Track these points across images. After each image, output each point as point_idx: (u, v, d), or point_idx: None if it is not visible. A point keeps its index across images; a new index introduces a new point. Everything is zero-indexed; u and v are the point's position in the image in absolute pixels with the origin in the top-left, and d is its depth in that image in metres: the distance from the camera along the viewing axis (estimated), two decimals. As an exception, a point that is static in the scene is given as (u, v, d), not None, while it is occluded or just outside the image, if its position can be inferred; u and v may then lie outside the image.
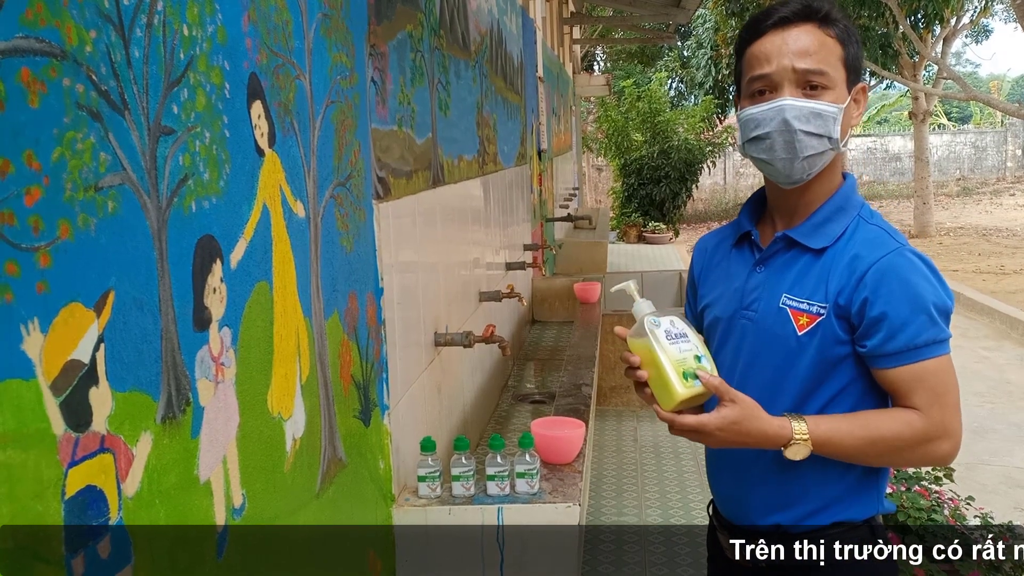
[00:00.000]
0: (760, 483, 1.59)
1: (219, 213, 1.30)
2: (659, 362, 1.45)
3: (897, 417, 1.47)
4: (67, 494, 0.94)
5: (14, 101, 0.87)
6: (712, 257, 1.72)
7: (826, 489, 1.55)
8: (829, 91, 1.48)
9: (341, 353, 1.85)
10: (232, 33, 1.37)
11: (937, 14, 13.95)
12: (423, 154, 2.65)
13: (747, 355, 1.57)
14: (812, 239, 1.54)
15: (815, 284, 1.51)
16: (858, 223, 1.54)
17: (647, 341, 1.47)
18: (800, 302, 1.51)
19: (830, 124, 1.48)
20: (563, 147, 9.96)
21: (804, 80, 1.48)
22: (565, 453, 2.39)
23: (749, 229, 1.63)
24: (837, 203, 1.55)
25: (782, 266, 1.56)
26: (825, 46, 1.48)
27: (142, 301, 1.09)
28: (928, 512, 3.54)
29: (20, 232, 0.87)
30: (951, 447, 1.47)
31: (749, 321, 1.57)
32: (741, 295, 1.60)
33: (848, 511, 1.56)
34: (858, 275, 1.47)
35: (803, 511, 1.56)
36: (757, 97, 1.51)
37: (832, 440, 1.46)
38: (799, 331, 1.50)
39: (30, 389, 0.88)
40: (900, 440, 1.46)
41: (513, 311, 4.52)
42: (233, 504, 1.32)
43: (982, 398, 6.62)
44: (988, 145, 27.16)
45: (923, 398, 1.46)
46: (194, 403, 1.21)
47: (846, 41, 1.50)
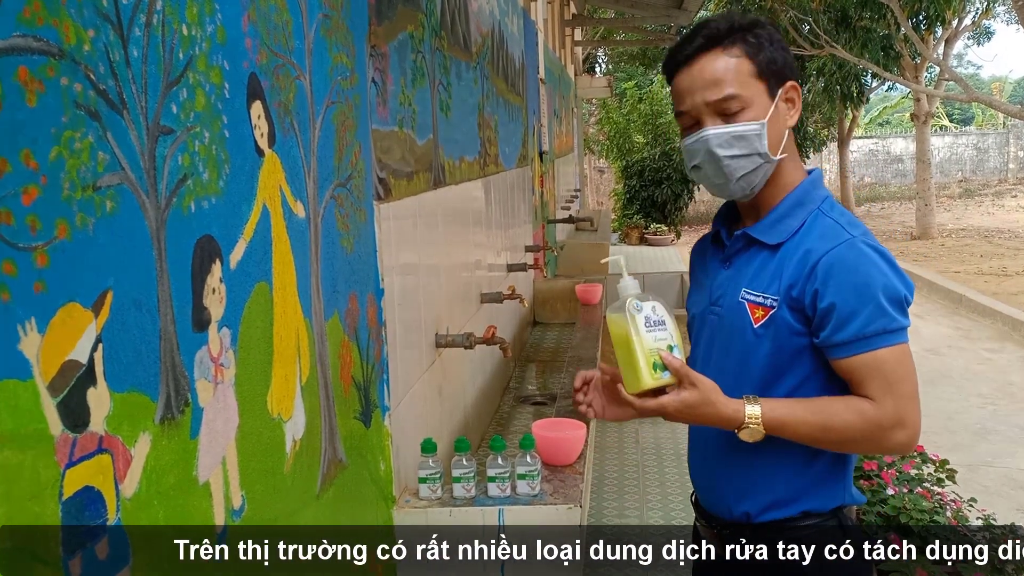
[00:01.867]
0: (727, 470, 1.63)
1: (218, 213, 1.30)
2: (632, 348, 1.50)
3: (850, 405, 1.50)
4: (65, 495, 0.93)
5: (11, 100, 0.87)
6: (700, 258, 1.78)
7: (792, 478, 1.58)
8: (747, 110, 1.52)
9: (341, 354, 1.84)
10: (232, 33, 1.36)
11: (939, 15, 13.93)
12: (424, 155, 2.64)
13: (713, 348, 1.63)
14: (768, 235, 1.58)
15: (770, 278, 1.55)
16: (816, 216, 1.56)
17: (625, 323, 1.51)
18: (756, 295, 1.56)
19: (754, 142, 1.52)
20: (565, 149, 9.96)
21: (719, 109, 1.53)
22: (566, 454, 2.39)
23: (719, 229, 1.69)
24: (795, 198, 1.59)
25: (743, 263, 1.61)
26: (730, 69, 1.52)
27: (140, 301, 1.09)
28: (930, 514, 3.53)
29: (17, 231, 0.87)
30: (907, 437, 1.50)
31: (716, 316, 1.63)
32: (710, 292, 1.66)
33: (814, 500, 1.59)
34: (809, 267, 1.50)
35: (770, 499, 1.59)
36: (687, 130, 1.59)
37: (786, 424, 1.50)
38: (755, 323, 1.55)
39: (27, 389, 0.88)
40: (852, 428, 1.49)
41: (514, 313, 4.51)
42: (232, 505, 1.32)
43: (984, 399, 6.60)
44: (990, 147, 27.14)
45: (876, 387, 1.48)
46: (193, 404, 1.21)
47: (755, 52, 1.53)
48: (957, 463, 4.08)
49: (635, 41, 18.01)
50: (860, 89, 17.35)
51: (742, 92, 1.52)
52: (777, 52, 1.56)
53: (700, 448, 1.71)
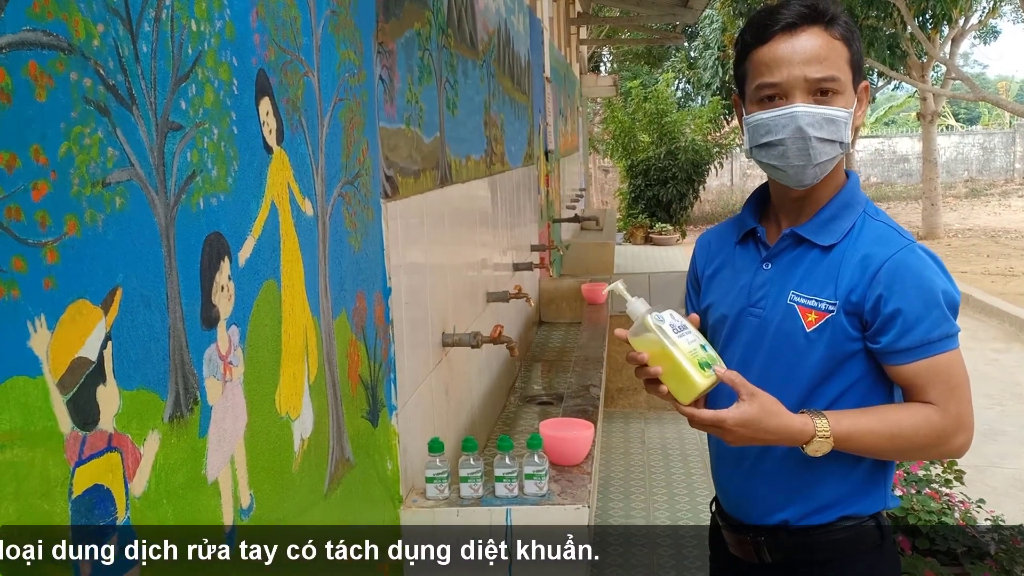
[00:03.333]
0: (767, 481, 1.58)
1: (227, 210, 1.29)
2: (673, 356, 1.44)
3: (916, 413, 1.48)
4: (74, 493, 0.92)
5: (21, 94, 0.86)
6: (716, 254, 1.70)
7: (835, 485, 1.55)
8: (840, 96, 1.47)
9: (349, 353, 1.84)
10: (240, 29, 1.36)
11: (945, 14, 13.90)
12: (431, 153, 2.63)
13: (754, 351, 1.56)
14: (820, 236, 1.53)
15: (824, 281, 1.50)
16: (864, 219, 1.53)
17: (654, 337, 1.46)
18: (808, 299, 1.51)
19: (842, 129, 1.47)
20: (570, 148, 9.94)
21: (816, 87, 1.46)
22: (574, 454, 2.37)
23: (754, 226, 1.62)
24: (843, 200, 1.55)
25: (790, 263, 1.55)
26: (834, 50, 1.46)
27: (150, 299, 1.08)
28: (938, 515, 3.52)
29: (27, 227, 0.86)
30: (965, 440, 1.49)
31: (756, 318, 1.56)
32: (748, 292, 1.58)
33: (856, 506, 1.56)
34: (871, 272, 1.47)
35: (811, 507, 1.56)
36: (767, 103, 1.49)
37: (853, 436, 1.46)
38: (807, 328, 1.50)
39: (37, 387, 0.87)
40: (919, 436, 1.47)
41: (520, 312, 4.50)
42: (241, 504, 1.31)
43: (992, 400, 6.58)
44: (996, 146, 27.06)
45: (938, 392, 1.46)
46: (202, 402, 1.20)
47: (851, 41, 1.48)
48: (964, 464, 4.06)
49: (640, 40, 18.00)
50: (866, 88, 17.29)
51: (841, 76, 1.47)
52: (861, 49, 1.52)
53: (732, 458, 1.64)
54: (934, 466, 4.02)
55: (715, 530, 1.76)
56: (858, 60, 1.50)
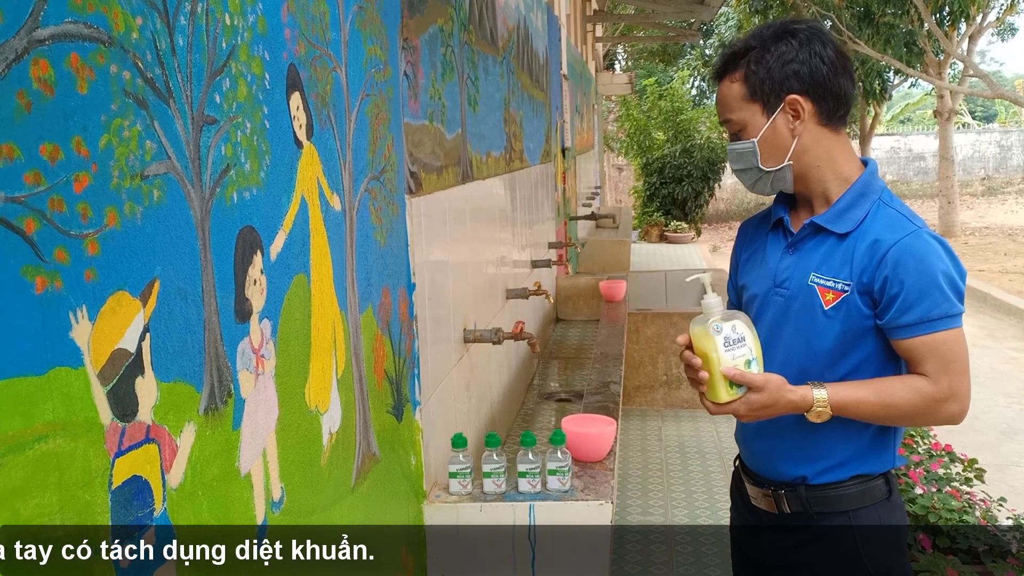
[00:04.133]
0: (786, 442, 1.78)
1: (259, 204, 1.29)
2: (713, 367, 1.67)
3: (907, 384, 1.65)
4: (114, 484, 0.93)
5: (63, 86, 0.86)
6: (752, 240, 1.90)
7: (845, 446, 1.74)
8: (744, 130, 1.73)
9: (375, 347, 1.84)
10: (272, 23, 1.36)
11: (963, 11, 13.81)
12: (453, 149, 2.63)
13: (779, 328, 1.75)
14: (837, 224, 1.71)
15: (840, 264, 1.68)
16: (878, 206, 1.70)
17: (707, 340, 1.67)
18: (827, 280, 1.69)
19: (750, 158, 1.73)
20: (586, 146, 9.93)
21: (728, 129, 1.78)
22: (596, 451, 2.37)
23: (782, 216, 1.82)
24: (858, 190, 1.72)
25: (811, 249, 1.74)
26: (731, 95, 1.73)
27: (186, 291, 1.08)
28: (959, 513, 3.50)
29: (69, 219, 0.86)
30: (958, 409, 1.65)
31: (781, 298, 1.76)
32: (774, 274, 1.78)
33: (866, 466, 1.75)
34: (879, 256, 1.64)
35: (825, 465, 1.75)
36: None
37: (848, 406, 1.65)
38: (826, 306, 1.69)
39: (79, 377, 0.87)
40: (910, 404, 1.65)
41: (538, 309, 4.50)
42: (272, 497, 1.32)
43: (1011, 399, 6.54)
44: (1013, 144, 26.85)
45: (933, 366, 1.63)
46: (235, 395, 1.21)
47: (752, 75, 1.70)
48: (984, 463, 4.04)
49: (656, 37, 17.95)
50: (883, 86, 17.21)
51: (734, 116, 1.73)
52: (780, 68, 1.69)
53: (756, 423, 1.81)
54: (955, 464, 4.00)
55: (738, 485, 1.97)
56: (762, 85, 1.70)
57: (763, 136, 1.71)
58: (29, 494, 0.80)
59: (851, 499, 1.75)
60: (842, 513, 1.76)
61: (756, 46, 1.70)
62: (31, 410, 0.80)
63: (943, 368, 1.63)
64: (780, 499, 1.81)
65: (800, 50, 1.69)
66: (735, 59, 1.72)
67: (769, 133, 1.71)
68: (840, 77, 1.71)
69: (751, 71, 1.70)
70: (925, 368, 1.64)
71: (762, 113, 1.70)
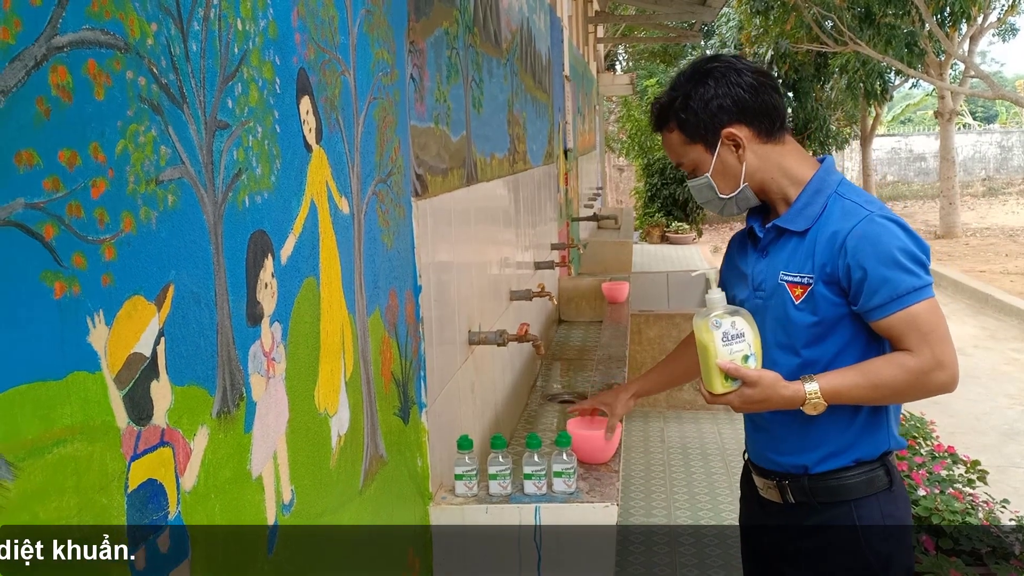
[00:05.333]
0: (782, 434, 1.86)
1: (270, 208, 1.30)
2: (710, 360, 1.75)
3: (892, 360, 1.71)
4: (130, 487, 0.94)
5: (81, 93, 0.87)
6: (735, 252, 2.01)
7: (840, 432, 1.80)
8: (697, 168, 1.86)
9: (382, 350, 1.84)
10: (282, 28, 1.36)
11: (964, 11, 13.81)
12: (458, 152, 2.64)
13: (762, 327, 1.81)
14: (795, 223, 1.81)
15: (803, 259, 1.78)
16: (834, 199, 1.78)
17: (707, 334, 1.74)
18: (793, 276, 1.78)
19: (707, 191, 1.87)
20: (587, 147, 9.94)
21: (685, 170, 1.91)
22: (602, 452, 2.37)
23: (752, 225, 1.92)
24: (812, 188, 1.81)
25: (777, 250, 1.84)
26: (672, 143, 1.87)
27: (199, 295, 1.09)
28: (962, 515, 3.50)
29: (87, 224, 0.87)
30: (948, 377, 1.70)
31: (761, 300, 1.85)
32: (751, 279, 1.89)
33: (863, 449, 1.81)
34: (838, 246, 1.72)
35: (823, 453, 1.82)
36: None
37: (841, 392, 1.72)
38: (795, 300, 1.78)
39: (96, 382, 0.88)
40: (898, 380, 1.70)
41: (541, 310, 4.50)
42: (283, 500, 1.32)
43: (1013, 400, 6.54)
44: (1014, 145, 26.86)
45: (913, 339, 1.69)
46: (247, 398, 1.21)
47: (683, 122, 1.83)
48: (986, 464, 4.04)
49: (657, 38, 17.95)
50: (884, 86, 17.22)
51: (683, 159, 1.87)
52: (704, 109, 1.80)
53: (759, 422, 1.93)
54: (957, 466, 4.01)
55: (747, 476, 2.05)
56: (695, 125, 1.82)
57: (713, 170, 1.84)
58: (48, 497, 0.81)
59: (853, 488, 1.81)
60: (844, 503, 1.82)
61: (679, 95, 1.83)
62: (50, 414, 0.81)
63: (923, 340, 1.68)
64: (784, 489, 1.88)
65: (718, 86, 1.80)
66: (664, 112, 1.86)
67: (718, 165, 1.83)
68: (763, 95, 1.81)
69: (682, 119, 1.83)
70: (906, 343, 1.69)
71: (705, 151, 1.83)
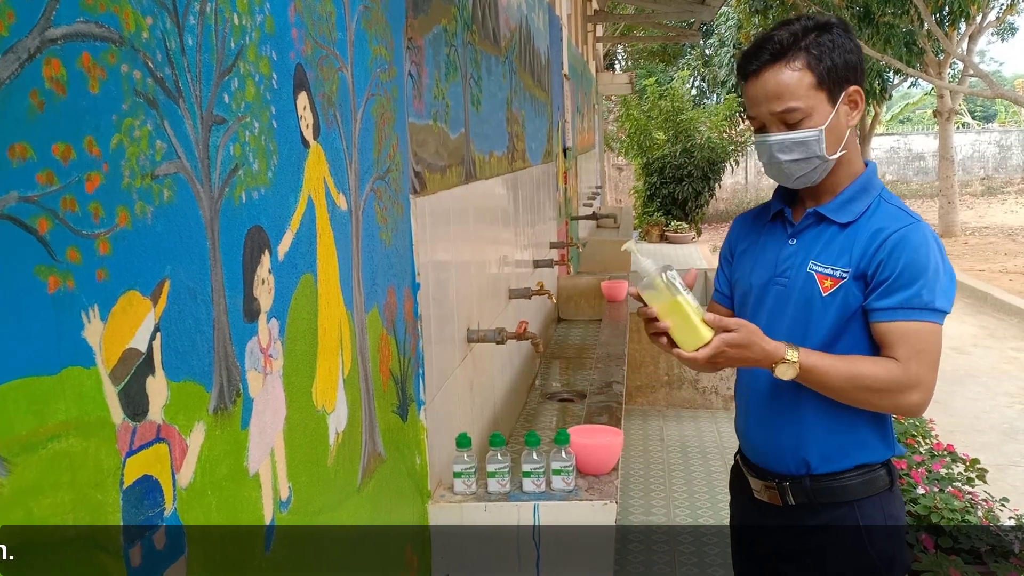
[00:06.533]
0: (786, 433, 1.81)
1: (267, 204, 1.30)
2: (684, 311, 1.66)
3: (877, 362, 1.69)
4: (125, 483, 0.93)
5: (75, 86, 0.86)
6: (748, 233, 1.93)
7: (844, 434, 1.77)
8: (808, 119, 1.69)
9: (380, 347, 1.84)
10: (279, 23, 1.36)
11: (963, 11, 13.81)
12: (456, 149, 2.63)
13: (779, 315, 1.79)
14: (839, 214, 1.75)
15: (839, 252, 1.73)
16: (879, 202, 1.75)
17: (666, 293, 1.66)
18: (825, 267, 1.73)
19: (813, 147, 1.70)
20: (586, 145, 9.93)
21: (781, 119, 1.70)
22: (604, 463, 2.32)
23: (781, 208, 1.85)
24: (860, 185, 1.76)
25: (812, 238, 1.78)
26: (794, 82, 1.68)
27: (195, 291, 1.08)
28: (962, 513, 3.49)
29: (81, 218, 0.86)
30: (920, 399, 1.68)
31: (781, 287, 1.79)
32: (775, 264, 1.82)
33: (866, 453, 1.78)
34: (879, 242, 1.69)
35: (826, 455, 1.78)
36: (757, 131, 1.77)
37: (816, 369, 1.67)
38: (823, 292, 1.72)
39: (91, 377, 0.87)
40: (876, 381, 1.67)
41: (540, 309, 4.50)
42: (280, 497, 1.32)
43: (1012, 399, 6.54)
44: (1013, 144, 26.86)
45: (904, 351, 1.66)
46: (244, 394, 1.21)
47: (816, 63, 1.68)
48: (986, 463, 4.03)
49: (656, 37, 17.95)
50: (883, 85, 17.23)
51: (802, 104, 1.68)
52: (840, 57, 1.69)
53: (757, 413, 1.88)
54: (956, 464, 4.00)
55: (737, 478, 2.00)
56: (830, 75, 1.68)
57: (829, 125, 1.70)
58: (42, 493, 0.80)
59: (855, 489, 1.78)
60: (847, 503, 1.78)
61: (808, 35, 1.69)
62: (44, 409, 0.80)
63: (913, 355, 1.65)
64: (784, 491, 1.83)
65: (847, 41, 1.71)
66: (795, 43, 1.68)
67: (834, 122, 1.71)
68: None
69: (815, 57, 1.68)
70: (896, 352, 1.66)
71: (827, 102, 1.69)
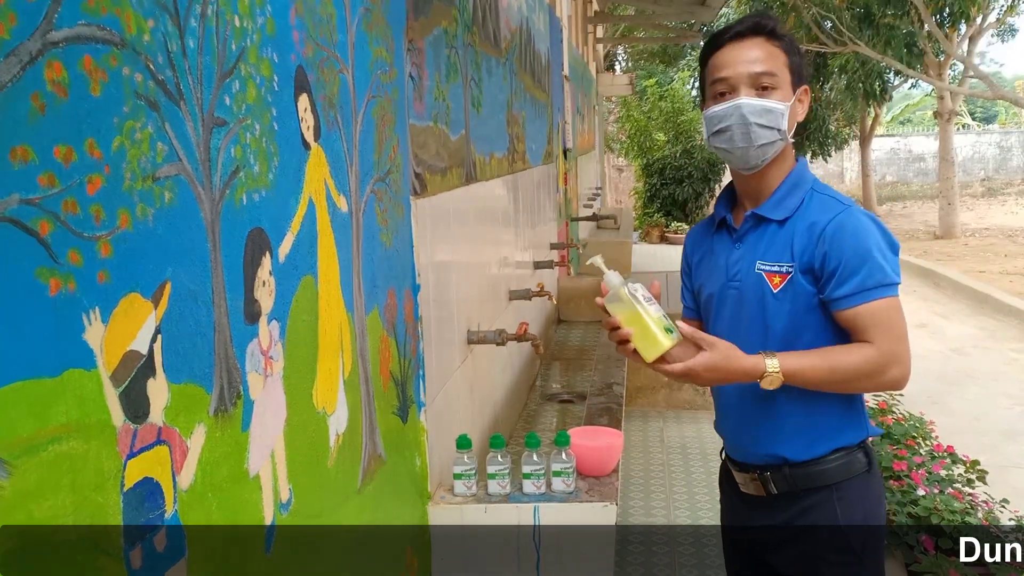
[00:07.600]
0: (761, 426, 1.85)
1: (268, 206, 1.30)
2: (643, 321, 1.70)
3: (853, 349, 1.73)
4: (126, 486, 0.93)
5: (77, 89, 0.86)
6: (701, 244, 1.99)
7: (818, 421, 1.81)
8: (777, 91, 1.77)
9: (381, 349, 1.84)
10: (280, 25, 1.36)
11: (963, 12, 13.80)
12: (457, 151, 2.63)
13: (737, 318, 1.84)
14: (775, 212, 1.81)
15: (781, 249, 1.78)
16: (812, 195, 1.81)
17: (628, 304, 1.71)
18: (771, 265, 1.79)
19: (779, 118, 1.76)
20: (587, 147, 9.93)
21: (757, 83, 1.76)
22: (605, 464, 2.33)
23: (724, 215, 1.91)
24: (792, 181, 1.83)
25: (755, 240, 1.83)
26: (772, 55, 1.78)
27: (196, 293, 1.09)
28: (962, 514, 3.49)
29: (83, 221, 0.87)
30: (900, 373, 1.73)
31: (735, 290, 1.84)
32: (726, 270, 1.87)
33: (842, 437, 1.83)
34: (816, 235, 1.74)
35: (802, 442, 1.82)
36: (719, 98, 1.80)
37: (798, 372, 1.71)
38: (774, 289, 1.78)
39: (92, 379, 0.88)
40: (857, 368, 1.72)
41: (540, 310, 4.50)
42: (280, 499, 1.32)
43: (1012, 400, 6.53)
44: (1013, 145, 26.87)
45: (875, 333, 1.71)
46: (244, 396, 1.21)
47: (790, 51, 1.80)
48: (986, 464, 4.03)
49: (656, 38, 17.95)
50: (883, 87, 17.22)
51: (778, 75, 1.78)
52: (802, 61, 1.84)
53: (732, 410, 1.92)
54: (957, 465, 4.00)
55: (726, 474, 2.04)
56: (797, 68, 1.80)
57: (791, 107, 1.79)
58: (43, 496, 0.80)
59: (834, 472, 1.82)
60: (827, 488, 1.83)
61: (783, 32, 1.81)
62: (45, 412, 0.81)
63: (883, 334, 1.71)
64: (767, 481, 1.87)
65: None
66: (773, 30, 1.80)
67: (792, 107, 1.80)
68: None
69: (789, 46, 1.81)
70: (867, 335, 1.72)
71: (791, 86, 1.80)
